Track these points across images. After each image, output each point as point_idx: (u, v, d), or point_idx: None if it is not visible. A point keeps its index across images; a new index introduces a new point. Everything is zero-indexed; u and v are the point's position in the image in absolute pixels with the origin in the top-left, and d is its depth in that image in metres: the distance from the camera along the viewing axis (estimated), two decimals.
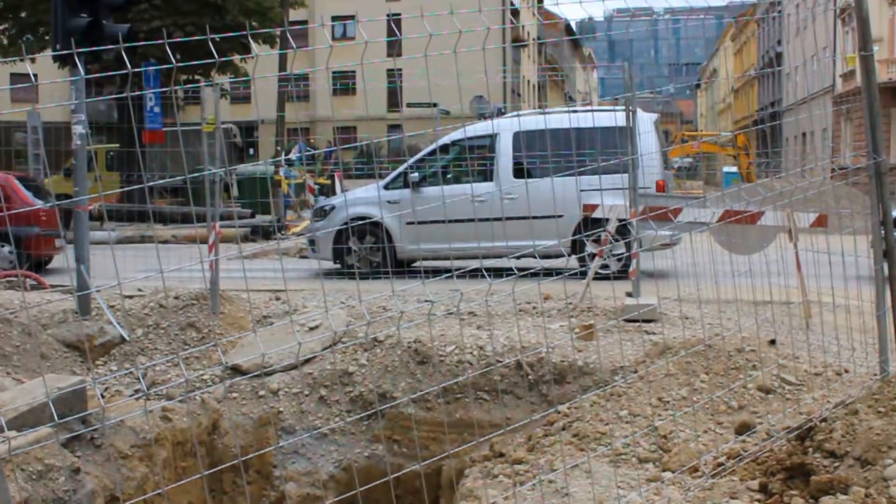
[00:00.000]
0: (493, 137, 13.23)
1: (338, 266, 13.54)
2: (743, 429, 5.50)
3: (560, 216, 11.08)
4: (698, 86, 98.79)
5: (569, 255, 12.20)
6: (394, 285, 4.12)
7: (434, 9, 4.13)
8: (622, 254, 11.76)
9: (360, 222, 13.27)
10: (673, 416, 5.81)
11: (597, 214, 9.75)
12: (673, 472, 5.17)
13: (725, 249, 7.65)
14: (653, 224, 4.91)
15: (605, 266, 11.69)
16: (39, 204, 15.54)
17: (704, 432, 5.73)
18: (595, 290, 9.05)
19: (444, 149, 13.83)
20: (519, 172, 12.83)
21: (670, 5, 6.39)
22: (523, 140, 12.83)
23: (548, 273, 8.07)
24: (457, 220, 11.69)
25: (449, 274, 3.85)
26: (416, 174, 13.14)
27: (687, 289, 6.64)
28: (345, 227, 13.06)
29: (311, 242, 13.94)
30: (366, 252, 13.30)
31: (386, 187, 13.61)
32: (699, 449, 5.37)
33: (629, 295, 9.28)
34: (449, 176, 14.08)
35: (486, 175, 13.21)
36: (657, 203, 9.42)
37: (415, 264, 12.99)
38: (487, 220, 10.92)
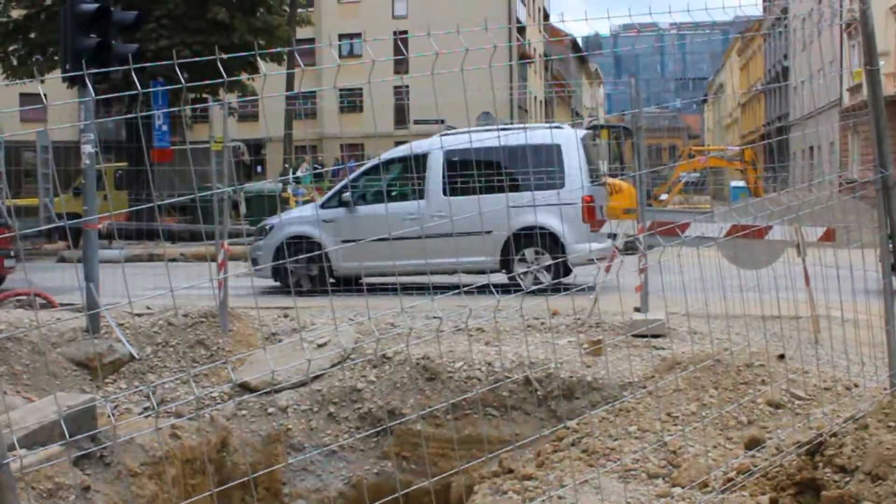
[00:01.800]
0: (424, 157, 13.43)
1: (278, 283, 13.87)
2: (753, 444, 5.49)
3: (489, 232, 11.24)
4: (705, 100, 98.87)
5: (499, 271, 12.55)
6: (402, 302, 4.13)
7: (440, 26, 4.17)
8: (551, 264, 12.22)
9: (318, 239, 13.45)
10: (682, 431, 5.80)
11: (604, 230, 9.79)
12: (683, 487, 5.16)
13: (733, 264, 7.65)
14: (662, 239, 4.93)
15: (536, 280, 12.26)
16: None
17: (714, 447, 5.71)
18: (603, 306, 9.05)
19: (381, 167, 14.18)
20: (449, 191, 12.93)
21: (676, 21, 6.43)
22: (442, 162, 13.07)
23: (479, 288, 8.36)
24: (383, 239, 11.95)
25: (458, 290, 3.86)
26: (349, 194, 13.49)
27: (695, 304, 6.64)
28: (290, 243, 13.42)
29: (254, 261, 14.16)
30: (304, 270, 13.52)
31: (323, 206, 13.89)
32: (709, 464, 5.35)
33: (637, 310, 9.27)
34: (394, 193, 14.25)
35: (418, 194, 13.43)
36: (663, 218, 9.44)
37: (365, 279, 13.22)
38: (417, 238, 11.19)
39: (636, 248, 10.14)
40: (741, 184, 32.42)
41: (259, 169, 37.59)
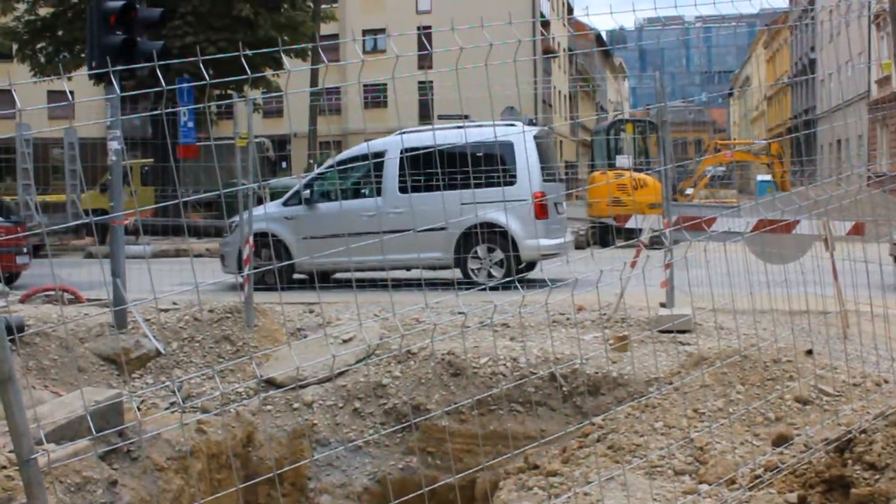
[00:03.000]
0: (380, 155, 13.73)
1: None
2: (780, 440, 5.44)
3: (443, 229, 11.50)
4: (731, 94, 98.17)
5: (453, 267, 12.87)
6: (427, 298, 4.12)
7: (464, 20, 4.15)
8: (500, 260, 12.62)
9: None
10: (709, 427, 5.76)
11: (630, 224, 9.77)
12: (710, 484, 5.12)
13: (761, 259, 7.58)
14: (688, 234, 4.89)
15: (490, 275, 12.74)
16: None
17: (741, 444, 5.66)
18: (628, 301, 9.00)
19: (341, 165, 14.28)
20: (405, 188, 13.17)
21: (701, 14, 6.36)
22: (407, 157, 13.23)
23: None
24: (337, 235, 12.43)
25: (483, 286, 3.85)
26: (308, 191, 13.79)
27: (721, 299, 6.58)
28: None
29: (222, 258, 14.26)
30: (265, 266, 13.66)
31: (285, 204, 14.07)
32: (736, 461, 5.31)
33: (663, 306, 9.22)
34: (356, 190, 14.45)
35: (376, 191, 13.72)
36: (690, 213, 9.39)
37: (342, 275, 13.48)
38: (374, 233, 11.52)
39: (662, 243, 10.10)
40: (768, 178, 32.17)
41: (284, 165, 37.70)
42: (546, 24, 54.61)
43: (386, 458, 7.86)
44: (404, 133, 13.29)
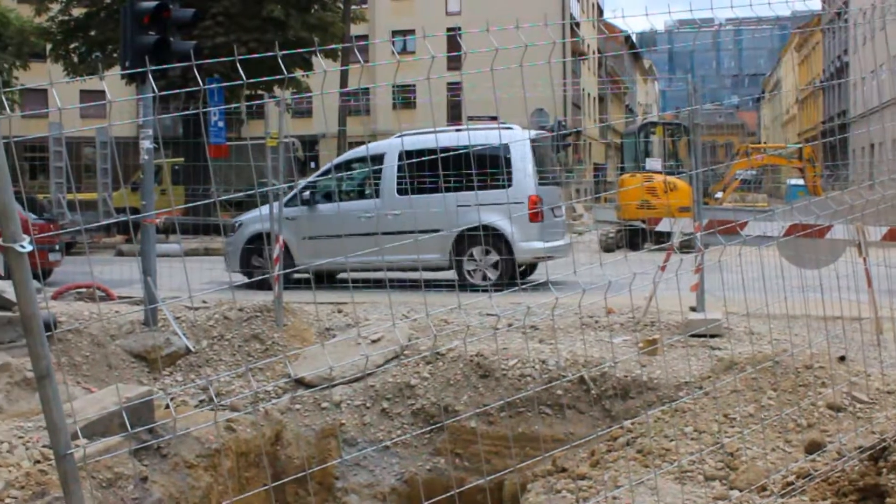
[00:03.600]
0: (381, 157, 13.98)
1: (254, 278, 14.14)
2: (813, 447, 5.38)
3: (439, 231, 11.61)
4: (762, 97, 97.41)
5: (450, 268, 13.01)
6: (459, 298, 4.12)
7: (493, 22, 4.14)
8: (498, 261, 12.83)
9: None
10: (741, 433, 5.71)
11: (661, 227, 9.72)
12: (741, 490, 5.07)
13: (793, 264, 7.51)
14: (721, 238, 4.86)
15: (485, 277, 12.93)
16: (32, 218, 15.90)
17: (772, 450, 5.61)
18: (661, 304, 8.94)
19: (343, 166, 14.61)
20: (403, 190, 13.34)
21: (734, 16, 6.31)
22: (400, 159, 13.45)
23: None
24: (336, 236, 12.70)
25: (516, 288, 3.84)
26: (308, 193, 13.91)
27: (752, 303, 6.53)
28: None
29: (225, 257, 14.58)
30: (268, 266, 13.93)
31: (286, 204, 13.99)
32: (767, 467, 5.26)
33: (693, 309, 9.16)
34: (358, 191, 14.56)
35: (374, 193, 13.88)
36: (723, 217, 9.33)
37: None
38: (372, 234, 11.67)
39: (692, 247, 10.03)
40: (800, 182, 31.88)
41: (313, 165, 37.86)
42: (576, 26, 54.49)
43: (413, 459, 7.86)
44: (403, 136, 13.44)
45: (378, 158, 14.05)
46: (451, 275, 13.31)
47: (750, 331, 8.20)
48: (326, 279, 13.71)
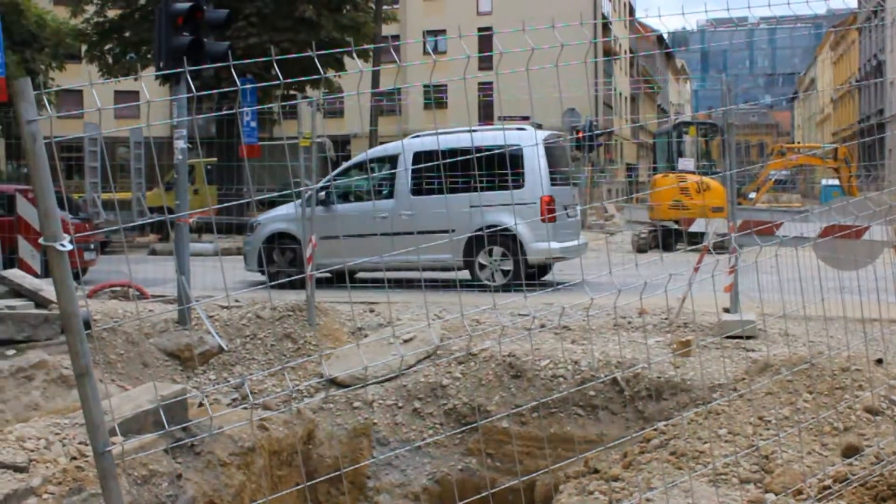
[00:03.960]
0: (396, 157, 13.97)
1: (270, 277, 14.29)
2: (850, 451, 5.32)
3: (452, 231, 11.63)
4: (795, 97, 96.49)
5: (462, 269, 13.11)
6: (494, 299, 4.11)
7: (520, 22, 4.13)
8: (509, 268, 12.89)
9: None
10: (776, 436, 5.65)
11: (694, 228, 9.66)
12: (776, 494, 5.02)
13: (828, 265, 7.43)
14: (758, 239, 4.81)
15: (503, 274, 12.97)
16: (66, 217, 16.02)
17: (808, 454, 5.55)
18: (690, 305, 8.89)
19: (360, 167, 14.70)
20: (417, 191, 13.38)
21: (768, 14, 6.25)
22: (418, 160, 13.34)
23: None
24: (351, 235, 12.90)
25: (552, 288, 3.83)
26: (324, 193, 13.88)
27: (788, 305, 6.46)
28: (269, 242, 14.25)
29: (245, 256, 14.72)
30: (286, 265, 14.11)
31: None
32: (803, 471, 5.20)
33: (727, 311, 9.08)
34: (385, 191, 14.49)
35: (388, 193, 13.92)
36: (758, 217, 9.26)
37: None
38: (386, 234, 11.99)
39: (726, 248, 9.95)
40: (834, 182, 31.54)
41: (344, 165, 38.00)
42: (607, 26, 54.27)
43: (445, 459, 7.86)
44: (417, 136, 13.44)
45: (393, 159, 14.11)
46: (466, 274, 13.42)
47: (785, 332, 8.12)
48: (344, 279, 13.82)
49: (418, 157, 13.32)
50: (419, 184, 13.34)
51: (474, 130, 13.50)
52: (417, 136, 13.70)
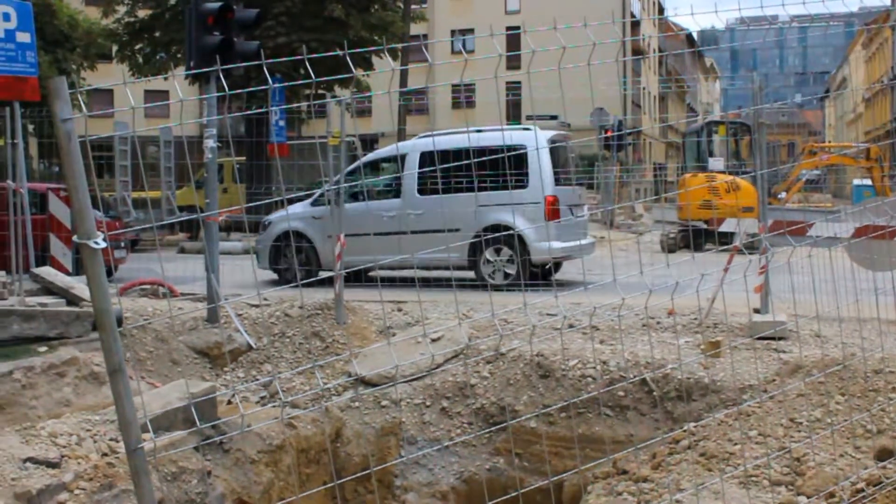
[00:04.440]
0: (404, 157, 14.06)
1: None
2: (884, 455, 5.25)
3: (457, 230, 11.78)
4: (826, 96, 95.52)
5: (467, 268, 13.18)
6: (525, 297, 4.09)
7: (550, 21, 4.11)
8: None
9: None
10: (809, 438, 5.59)
11: (724, 228, 9.59)
12: (808, 497, 4.97)
13: (863, 267, 7.34)
14: (791, 239, 4.76)
15: (506, 274, 13.05)
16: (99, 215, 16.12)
17: (841, 456, 5.48)
18: (719, 306, 8.82)
19: (371, 166, 14.89)
20: (423, 190, 13.47)
21: (802, 12, 6.18)
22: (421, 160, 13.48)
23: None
24: (359, 234, 12.70)
25: (580, 288, 3.81)
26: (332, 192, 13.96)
27: (822, 306, 6.39)
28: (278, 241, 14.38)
29: (257, 255, 14.80)
30: (298, 263, 14.16)
31: (313, 204, 14.46)
32: (836, 474, 5.14)
33: (757, 311, 9.00)
34: (382, 190, 14.64)
35: (394, 193, 14.04)
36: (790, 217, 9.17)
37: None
38: (393, 234, 12.16)
39: (756, 248, 9.87)
40: (865, 182, 31.18)
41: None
42: (636, 24, 54.01)
43: (473, 459, 7.85)
44: (425, 137, 13.43)
45: (402, 159, 14.21)
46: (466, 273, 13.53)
47: (816, 334, 8.04)
48: (356, 277, 13.96)
49: (425, 157, 13.41)
50: (425, 184, 13.43)
51: (479, 131, 13.48)
52: (425, 136, 13.76)
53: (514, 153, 12.53)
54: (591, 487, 6.30)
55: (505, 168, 11.98)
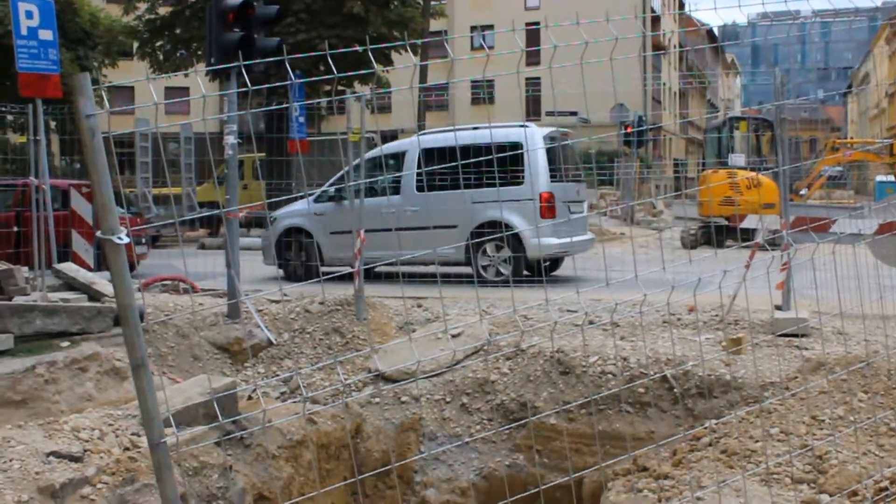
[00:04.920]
0: (404, 154, 14.28)
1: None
2: None
3: (455, 226, 11.92)
4: (849, 91, 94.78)
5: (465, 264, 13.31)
6: (547, 293, 4.08)
7: (569, 17, 4.10)
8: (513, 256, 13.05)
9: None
10: (831, 435, 5.55)
11: (746, 224, 9.54)
12: (831, 495, 4.94)
13: (887, 263, 7.28)
14: (815, 235, 4.73)
15: (498, 272, 13.20)
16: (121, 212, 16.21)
17: (864, 454, 5.44)
18: (741, 302, 8.77)
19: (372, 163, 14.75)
20: (421, 187, 13.64)
21: (820, 7, 6.12)
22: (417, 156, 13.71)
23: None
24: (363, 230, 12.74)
25: (602, 284, 3.80)
26: (332, 189, 14.33)
27: (844, 303, 6.34)
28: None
29: (263, 251, 15.07)
30: (298, 259, 14.44)
31: (316, 201, 14.63)
32: (859, 472, 5.11)
33: (778, 308, 8.95)
34: (382, 188, 14.69)
35: (392, 190, 14.19)
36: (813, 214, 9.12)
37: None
38: (398, 229, 12.43)
39: (777, 244, 9.81)
40: (888, 178, 30.94)
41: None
42: (656, 20, 53.77)
43: (492, 455, 7.84)
44: (423, 134, 13.50)
45: (401, 155, 14.37)
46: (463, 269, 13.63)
47: (839, 331, 7.98)
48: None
49: (423, 154, 13.58)
50: (423, 180, 13.58)
51: (476, 128, 13.60)
52: (426, 133, 13.85)
53: (509, 152, 12.73)
54: (611, 484, 6.29)
55: (501, 165, 12.14)
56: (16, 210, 14.49)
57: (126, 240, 2.78)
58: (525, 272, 13.31)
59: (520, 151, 12.63)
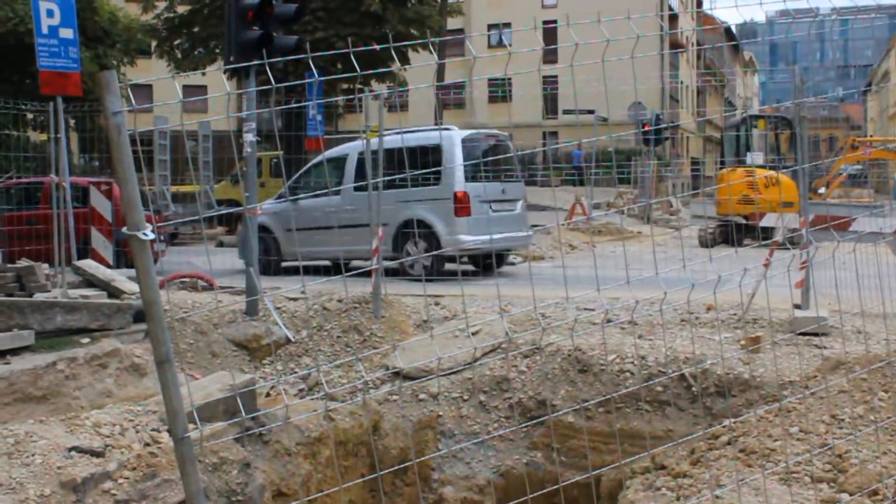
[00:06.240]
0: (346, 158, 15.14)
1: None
2: None
3: (386, 224, 12.26)
4: (868, 89, 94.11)
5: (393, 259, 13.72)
6: (567, 291, 4.08)
7: (586, 15, 4.10)
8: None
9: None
10: (852, 435, 5.53)
11: (765, 223, 9.50)
12: (850, 494, 4.92)
13: None
14: (836, 233, 4.71)
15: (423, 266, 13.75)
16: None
17: (884, 454, 5.42)
18: (759, 301, 8.74)
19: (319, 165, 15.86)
20: (358, 188, 14.03)
21: (839, 4, 6.09)
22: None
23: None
24: (308, 228, 14.05)
25: (623, 282, 3.80)
26: (285, 189, 15.26)
27: (867, 302, 6.31)
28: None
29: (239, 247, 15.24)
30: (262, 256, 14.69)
31: (276, 199, 15.56)
32: (879, 471, 5.08)
33: (798, 307, 8.91)
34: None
35: (337, 191, 15.02)
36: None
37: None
38: (333, 227, 13.37)
39: (796, 243, 9.76)
40: None
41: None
42: (674, 18, 53.58)
43: (510, 452, 7.85)
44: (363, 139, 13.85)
45: (343, 159, 15.19)
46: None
47: (859, 329, 7.94)
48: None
49: (360, 157, 14.12)
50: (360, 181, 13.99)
51: (408, 132, 14.23)
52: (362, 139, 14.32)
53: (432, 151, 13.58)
54: (629, 482, 6.29)
55: (424, 167, 13.20)
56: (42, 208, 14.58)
57: (151, 236, 2.81)
58: (447, 266, 14.16)
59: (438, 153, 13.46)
